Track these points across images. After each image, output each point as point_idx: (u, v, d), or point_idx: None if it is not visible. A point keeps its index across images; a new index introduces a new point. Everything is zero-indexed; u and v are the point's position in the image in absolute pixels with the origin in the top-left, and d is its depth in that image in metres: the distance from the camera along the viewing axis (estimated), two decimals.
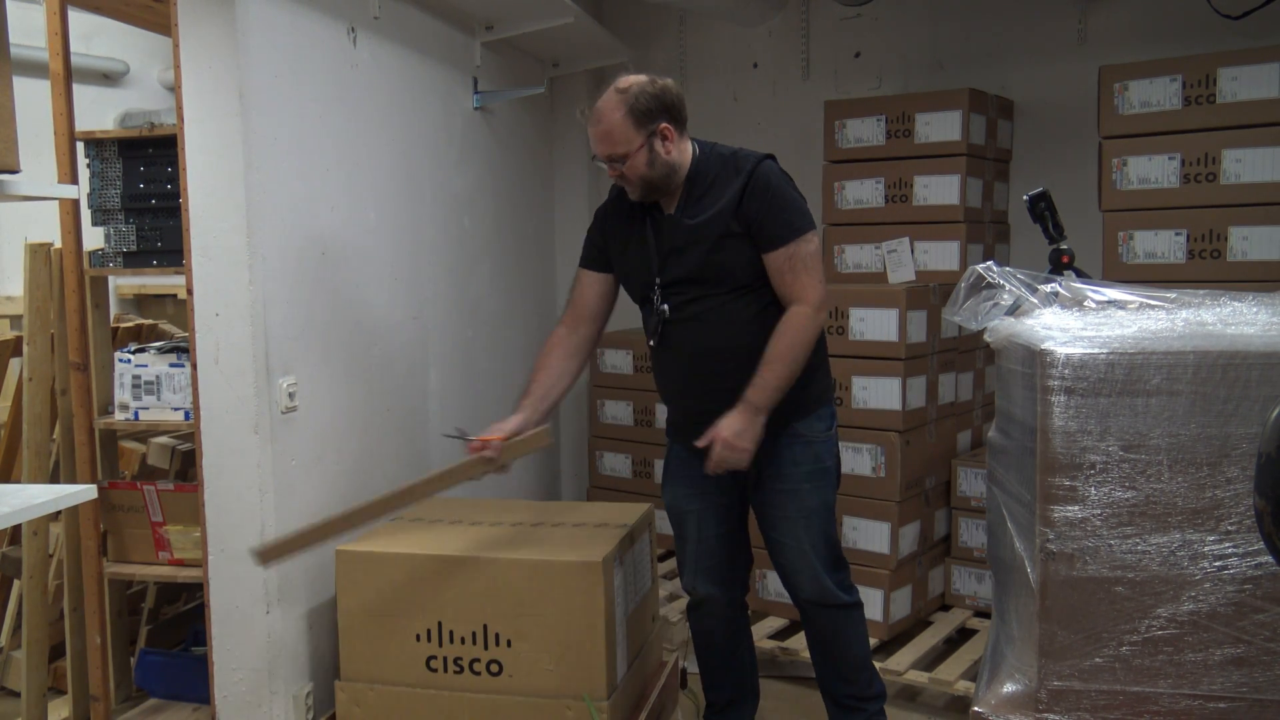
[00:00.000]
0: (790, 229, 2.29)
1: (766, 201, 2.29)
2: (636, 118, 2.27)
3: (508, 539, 2.61)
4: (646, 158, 2.29)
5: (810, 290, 2.30)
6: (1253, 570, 1.58)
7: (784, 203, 2.30)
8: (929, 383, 3.35)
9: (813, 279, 2.31)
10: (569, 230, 4.45)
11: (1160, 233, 3.13)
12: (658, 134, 2.29)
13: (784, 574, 2.53)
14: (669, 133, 2.31)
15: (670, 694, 2.92)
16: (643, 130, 2.27)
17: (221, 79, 2.38)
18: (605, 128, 2.29)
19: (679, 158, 2.35)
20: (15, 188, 1.79)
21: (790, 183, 2.37)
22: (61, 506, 1.90)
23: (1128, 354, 1.61)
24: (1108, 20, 3.68)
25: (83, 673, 2.78)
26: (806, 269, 2.30)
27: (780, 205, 2.30)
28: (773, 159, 2.38)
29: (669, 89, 2.32)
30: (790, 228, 2.29)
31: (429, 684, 2.53)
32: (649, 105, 2.27)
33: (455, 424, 3.43)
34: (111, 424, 2.69)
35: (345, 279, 2.80)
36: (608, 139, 2.29)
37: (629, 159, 2.29)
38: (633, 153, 2.28)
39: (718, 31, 4.35)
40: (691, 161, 2.38)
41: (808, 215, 2.35)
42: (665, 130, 2.30)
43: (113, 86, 4.62)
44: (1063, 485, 1.64)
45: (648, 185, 2.35)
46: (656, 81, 2.31)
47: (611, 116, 2.28)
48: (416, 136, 3.18)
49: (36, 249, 2.73)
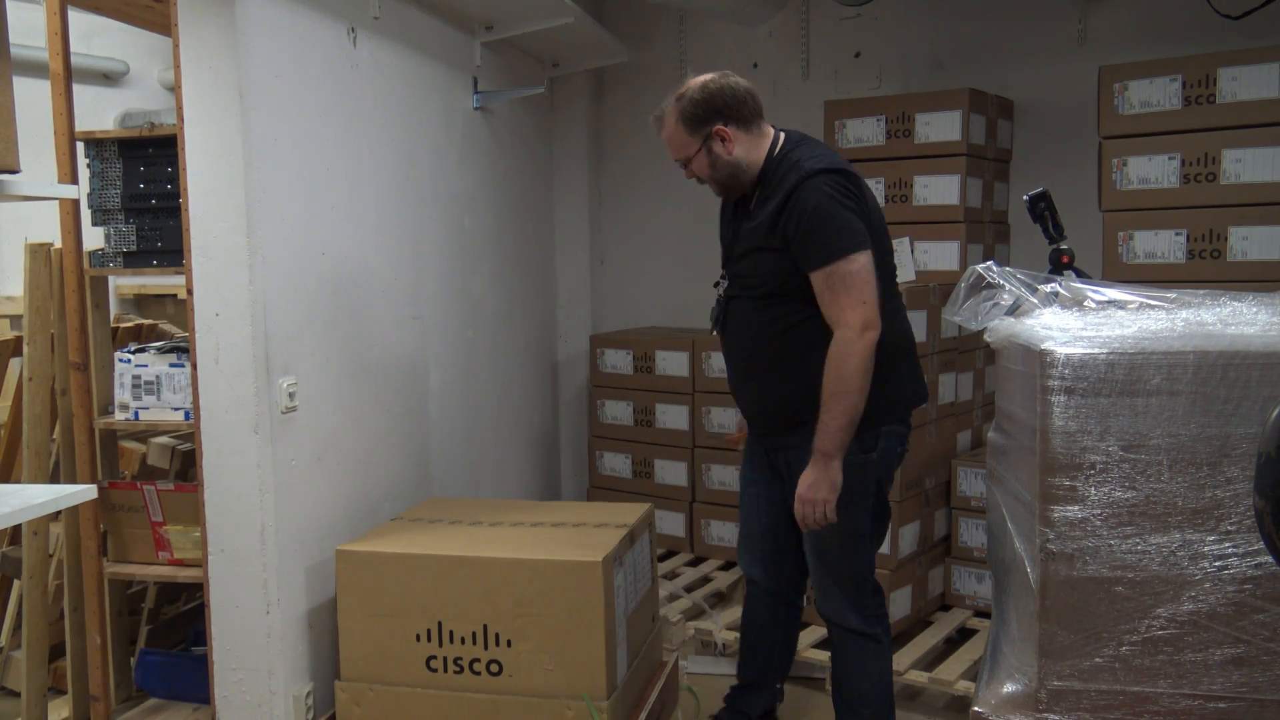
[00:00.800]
0: (826, 251, 2.23)
1: (803, 223, 2.24)
2: (689, 124, 2.33)
3: (508, 539, 2.62)
4: (707, 160, 2.36)
5: (849, 312, 2.22)
6: (1253, 570, 1.58)
7: (822, 223, 2.23)
8: (929, 383, 3.35)
9: (853, 300, 2.22)
10: (569, 230, 4.45)
11: (1160, 233, 3.13)
12: (714, 136, 2.33)
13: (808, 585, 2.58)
14: (726, 134, 2.33)
15: (670, 694, 2.92)
16: (698, 135, 2.34)
17: (221, 79, 2.38)
18: (666, 135, 2.39)
19: (745, 155, 2.36)
20: (15, 188, 1.79)
21: (840, 199, 2.24)
22: (61, 506, 1.90)
23: (1128, 354, 1.61)
24: (1108, 20, 3.68)
25: (83, 673, 2.78)
26: (846, 290, 2.22)
27: (818, 226, 2.23)
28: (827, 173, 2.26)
29: (720, 91, 2.33)
30: (826, 250, 2.23)
31: (429, 684, 2.53)
32: (698, 111, 2.32)
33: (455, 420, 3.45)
34: (111, 424, 2.69)
35: (345, 279, 2.80)
36: (670, 145, 2.40)
37: (691, 162, 2.38)
38: (692, 157, 2.37)
39: (718, 31, 4.35)
40: (766, 160, 2.37)
41: (852, 235, 2.23)
42: (721, 132, 2.33)
43: (113, 86, 4.62)
44: (1063, 485, 1.64)
45: (718, 185, 2.41)
46: (709, 85, 2.33)
47: (669, 124, 2.37)
48: (417, 136, 3.18)
49: (36, 249, 2.73)
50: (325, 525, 2.71)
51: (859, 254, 2.23)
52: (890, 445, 2.39)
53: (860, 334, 2.21)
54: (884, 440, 2.37)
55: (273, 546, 2.51)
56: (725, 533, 3.85)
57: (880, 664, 2.49)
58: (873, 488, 2.38)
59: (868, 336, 2.22)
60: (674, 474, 3.95)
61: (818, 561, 2.44)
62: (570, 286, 4.47)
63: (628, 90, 4.52)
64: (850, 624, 2.45)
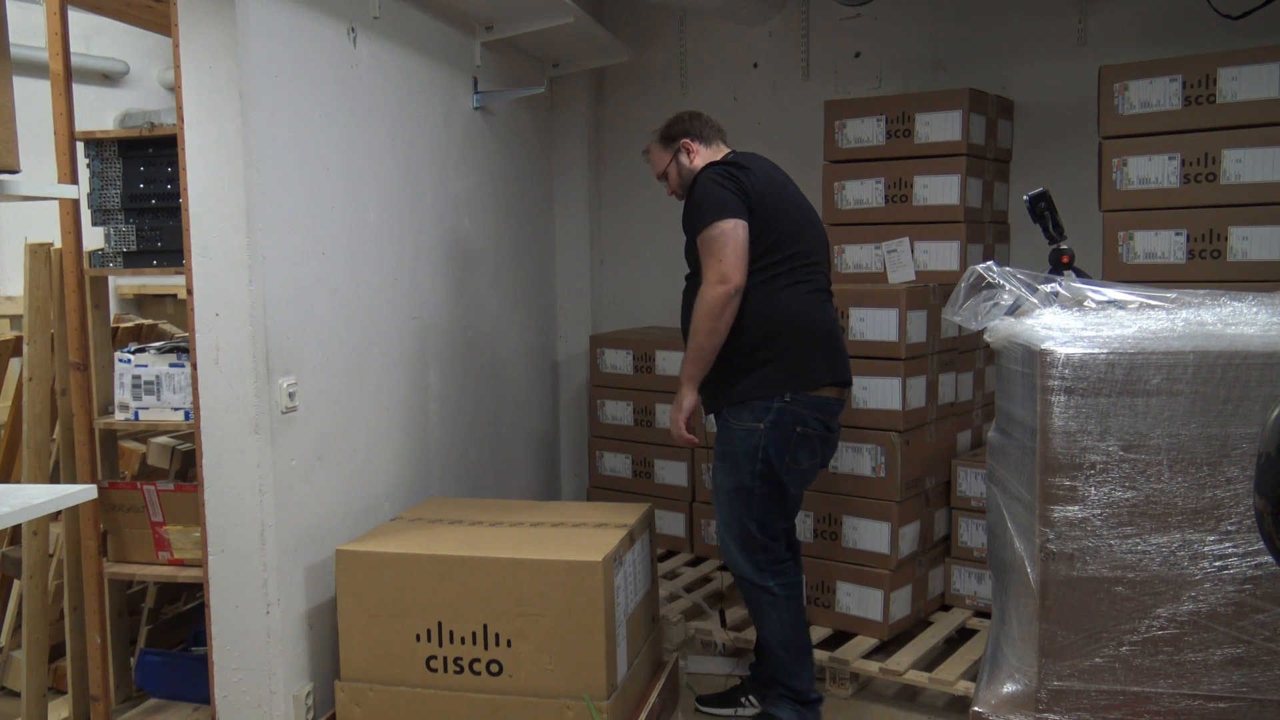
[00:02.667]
0: (697, 222, 2.65)
1: (686, 206, 2.72)
2: (663, 142, 2.89)
3: (508, 539, 2.62)
4: (676, 169, 2.87)
5: (709, 269, 2.61)
6: (1253, 570, 1.59)
7: (695, 203, 2.67)
8: (929, 383, 3.35)
9: (712, 259, 2.60)
10: (569, 230, 4.45)
11: (1160, 233, 3.13)
12: (681, 149, 2.85)
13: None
14: (690, 146, 2.84)
15: (670, 694, 2.92)
16: (669, 150, 2.87)
17: (221, 79, 2.38)
18: (651, 157, 2.93)
19: (700, 163, 2.81)
20: (15, 188, 1.79)
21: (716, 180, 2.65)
22: (61, 506, 1.90)
23: (1128, 354, 1.61)
24: (1108, 20, 3.68)
25: (83, 673, 2.78)
26: (709, 250, 2.62)
27: (694, 205, 2.67)
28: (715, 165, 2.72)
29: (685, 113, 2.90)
30: (697, 221, 2.65)
31: (429, 684, 2.53)
32: (670, 130, 2.88)
33: (455, 420, 3.45)
34: (111, 424, 2.69)
35: (345, 279, 2.80)
36: (653, 165, 2.93)
37: (666, 175, 2.90)
38: (665, 169, 2.89)
39: (718, 31, 4.35)
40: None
41: (716, 208, 2.61)
42: (686, 145, 2.84)
43: (113, 86, 4.62)
44: (1063, 485, 1.64)
45: (685, 191, 2.82)
46: (680, 113, 2.91)
47: (653, 148, 2.93)
48: (416, 136, 3.18)
49: (36, 249, 2.73)
50: (325, 525, 2.71)
51: (721, 222, 2.61)
52: (783, 420, 2.65)
53: (711, 286, 2.59)
54: (774, 414, 2.64)
55: (273, 546, 2.51)
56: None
57: (778, 614, 2.75)
58: (759, 454, 2.65)
59: (719, 289, 2.58)
60: (674, 474, 3.95)
61: (716, 514, 2.78)
62: (570, 286, 4.47)
63: (628, 90, 4.52)
64: (742, 571, 2.75)
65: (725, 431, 2.71)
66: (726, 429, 2.71)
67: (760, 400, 2.65)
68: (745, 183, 2.65)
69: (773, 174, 2.77)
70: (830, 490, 3.33)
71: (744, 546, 2.73)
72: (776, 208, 2.69)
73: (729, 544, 2.75)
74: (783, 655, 2.77)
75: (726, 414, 2.70)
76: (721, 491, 2.74)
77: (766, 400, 2.64)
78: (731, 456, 2.69)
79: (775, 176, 2.77)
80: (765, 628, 2.78)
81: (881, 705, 3.07)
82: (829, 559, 3.34)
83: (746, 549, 2.73)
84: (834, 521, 3.33)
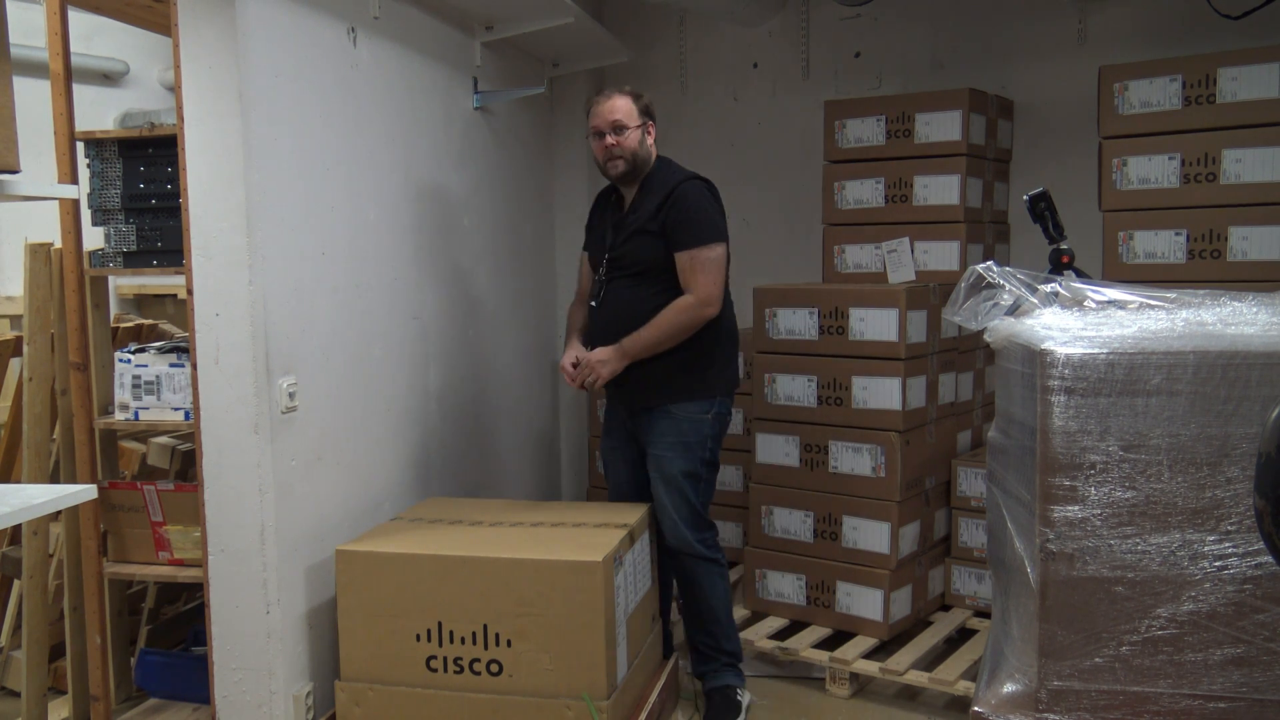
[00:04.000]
0: (696, 236, 2.78)
1: (681, 213, 2.80)
2: (640, 107, 2.92)
3: (508, 539, 2.62)
4: (638, 137, 2.89)
5: (703, 287, 2.77)
6: (1253, 570, 1.59)
7: (695, 215, 2.80)
8: (929, 383, 3.35)
9: (708, 279, 2.78)
10: (569, 230, 4.44)
11: (1160, 233, 3.13)
12: (646, 127, 2.92)
13: (658, 524, 2.95)
14: (652, 129, 2.94)
15: (670, 694, 2.92)
16: (642, 117, 2.91)
17: (221, 79, 2.38)
18: (616, 103, 2.89)
19: (649, 153, 2.93)
20: (15, 188, 1.79)
21: (710, 200, 2.85)
22: (61, 506, 1.90)
23: (1128, 354, 1.61)
24: (1108, 20, 3.68)
25: (83, 673, 2.78)
26: (704, 270, 2.78)
27: (692, 217, 2.79)
28: (702, 180, 2.88)
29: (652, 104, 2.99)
30: (696, 236, 2.78)
31: (429, 684, 2.53)
32: (645, 106, 2.94)
33: (455, 420, 3.44)
34: (111, 424, 2.69)
35: (345, 279, 2.80)
36: (617, 111, 2.88)
37: (628, 131, 2.86)
38: (632, 129, 2.87)
39: (718, 31, 4.35)
40: (650, 169, 2.92)
41: (715, 229, 2.82)
42: (650, 127, 2.94)
43: (113, 86, 4.62)
44: (1063, 485, 1.64)
45: (631, 162, 2.88)
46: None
47: (623, 99, 2.91)
48: (416, 136, 3.18)
49: (36, 249, 2.73)
50: (325, 525, 2.71)
51: (718, 245, 2.81)
52: (722, 413, 2.93)
53: (701, 306, 2.78)
54: (718, 407, 2.91)
55: (273, 546, 2.51)
56: (725, 532, 3.85)
57: (724, 584, 2.96)
58: (709, 442, 2.90)
59: (705, 311, 2.78)
60: None
61: (667, 499, 2.89)
62: (570, 286, 4.46)
63: None
64: (696, 551, 2.90)
65: (672, 423, 2.88)
66: (674, 421, 2.88)
67: (709, 396, 2.89)
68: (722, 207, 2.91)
69: None
70: (830, 490, 3.33)
71: (695, 525, 2.91)
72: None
73: (680, 525, 2.89)
74: (725, 622, 2.97)
75: (674, 409, 2.87)
76: (673, 480, 2.88)
77: (713, 396, 2.90)
78: (684, 445, 2.88)
79: None
80: (714, 597, 2.95)
81: (881, 705, 3.07)
82: (829, 559, 3.34)
83: (697, 527, 2.91)
84: (834, 521, 3.33)
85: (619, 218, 2.95)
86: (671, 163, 2.98)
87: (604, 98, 2.91)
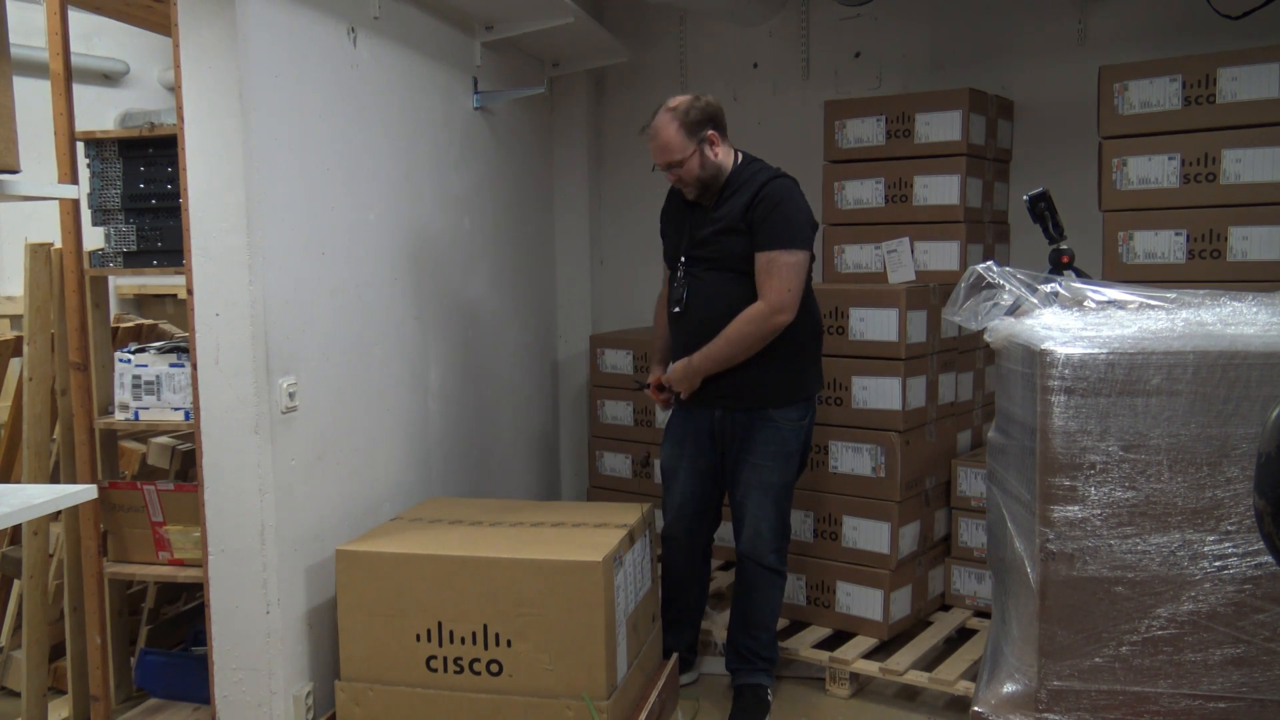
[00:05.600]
0: (778, 239, 2.68)
1: (769, 211, 2.69)
2: (688, 129, 2.73)
3: (508, 539, 2.62)
4: (699, 161, 2.75)
5: (774, 293, 2.68)
6: (1253, 570, 1.59)
7: (783, 217, 2.69)
8: (929, 383, 3.35)
9: (781, 285, 2.67)
10: (569, 230, 4.45)
11: (1160, 233, 3.13)
12: (706, 140, 2.75)
13: (735, 527, 2.94)
14: (715, 138, 2.76)
15: (670, 694, 2.92)
16: (694, 138, 2.73)
17: (221, 79, 2.38)
18: (662, 141, 2.75)
19: (724, 159, 2.79)
20: (15, 188, 1.79)
21: (799, 202, 2.74)
22: (61, 506, 1.90)
23: (1128, 354, 1.61)
24: (1108, 20, 3.68)
25: (83, 673, 2.78)
26: (780, 274, 2.67)
27: (778, 218, 2.69)
28: (790, 179, 2.76)
29: (712, 103, 2.77)
30: (778, 238, 2.68)
31: (429, 684, 2.53)
32: (697, 117, 2.73)
33: (455, 420, 3.45)
34: (111, 424, 2.69)
35: (345, 279, 2.80)
36: (666, 150, 2.75)
37: (685, 164, 2.75)
38: (687, 158, 2.74)
39: (718, 31, 4.35)
40: (733, 168, 2.80)
41: (798, 234, 2.70)
42: (712, 136, 2.76)
43: (113, 86, 4.62)
44: (1063, 485, 1.64)
45: (701, 185, 2.79)
46: (701, 97, 2.77)
47: (667, 130, 2.74)
48: (416, 136, 3.18)
49: (36, 249, 2.73)
50: (325, 525, 2.71)
51: (799, 251, 2.70)
52: (812, 419, 2.92)
53: (772, 314, 2.69)
54: (811, 414, 2.90)
55: (273, 546, 2.51)
56: (724, 532, 3.85)
57: (780, 595, 2.99)
58: (802, 447, 2.89)
59: (777, 319, 2.69)
60: None
61: (758, 509, 2.84)
62: (570, 286, 4.47)
63: (628, 90, 4.52)
64: (769, 562, 2.90)
65: (774, 431, 2.81)
66: (776, 429, 2.81)
67: (804, 399, 2.86)
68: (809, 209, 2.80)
69: None
70: (830, 490, 3.33)
71: (779, 536, 2.89)
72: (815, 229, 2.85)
73: (762, 535, 2.86)
74: (771, 629, 2.99)
75: (775, 415, 2.81)
76: (769, 489, 2.83)
77: (809, 399, 2.88)
78: (786, 456, 2.83)
79: None
80: (768, 606, 2.95)
81: (881, 705, 3.07)
82: (829, 559, 3.34)
83: (779, 539, 2.90)
84: (834, 521, 3.33)
85: (702, 215, 2.84)
86: (755, 160, 2.85)
87: (651, 132, 2.76)
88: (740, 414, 2.83)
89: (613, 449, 4.07)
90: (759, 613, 2.95)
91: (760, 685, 2.97)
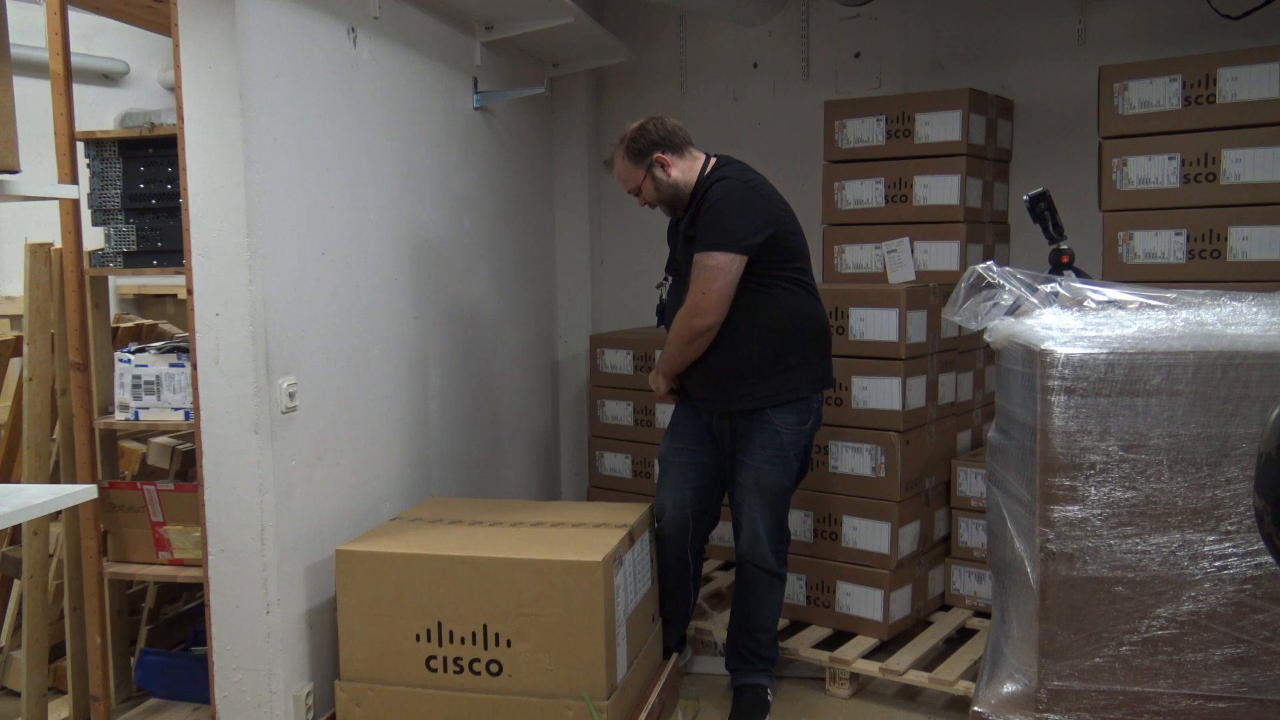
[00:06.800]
0: (705, 242, 2.68)
1: (704, 214, 2.71)
2: (634, 157, 2.81)
3: (508, 539, 2.62)
4: (652, 184, 2.81)
5: (690, 297, 2.69)
6: (1253, 570, 1.59)
7: (713, 220, 2.67)
8: (929, 383, 3.35)
9: (697, 289, 2.67)
10: (569, 230, 4.45)
11: (1160, 233, 3.13)
12: (655, 163, 2.79)
13: (735, 529, 2.93)
14: (664, 159, 2.79)
15: (670, 694, 2.92)
16: (641, 165, 2.80)
17: (221, 79, 2.38)
18: (617, 172, 2.88)
19: (681, 176, 2.80)
20: (15, 188, 1.79)
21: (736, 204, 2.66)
22: (61, 506, 1.90)
23: (1128, 354, 1.61)
24: (1108, 20, 3.68)
25: (83, 673, 2.78)
26: (699, 279, 2.67)
27: (708, 221, 2.68)
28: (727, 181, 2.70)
29: (655, 126, 2.80)
30: (705, 241, 2.68)
31: (429, 684, 2.53)
32: (642, 146, 2.79)
33: (455, 420, 3.45)
34: (111, 424, 2.69)
35: (345, 279, 2.80)
36: (622, 179, 2.87)
37: (641, 190, 2.84)
38: (640, 184, 2.83)
39: (718, 31, 4.35)
40: (698, 179, 2.80)
41: (732, 239, 2.65)
42: (660, 159, 2.79)
43: (113, 86, 4.62)
44: (1063, 485, 1.64)
45: (664, 204, 2.85)
46: (648, 123, 2.81)
47: (619, 163, 2.85)
48: (416, 136, 3.18)
49: (36, 249, 2.73)
50: (325, 525, 2.71)
51: (721, 254, 2.65)
52: (815, 419, 2.87)
53: (689, 317, 2.70)
54: (813, 414, 2.85)
55: (273, 546, 2.51)
56: (724, 532, 3.85)
57: (781, 597, 2.98)
58: (801, 452, 2.85)
59: (694, 322, 2.69)
60: None
61: (756, 510, 2.84)
62: (570, 286, 4.47)
63: (628, 90, 4.52)
64: (768, 565, 2.90)
65: (772, 434, 2.79)
66: (774, 432, 2.79)
67: (804, 402, 2.81)
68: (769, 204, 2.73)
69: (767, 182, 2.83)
70: (830, 490, 3.33)
71: (777, 539, 2.89)
72: (790, 215, 2.81)
73: (761, 537, 2.85)
74: (771, 631, 3.00)
75: (773, 417, 2.79)
76: (766, 492, 2.82)
77: (807, 401, 2.82)
78: (783, 459, 2.81)
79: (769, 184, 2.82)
80: (768, 607, 2.96)
81: (881, 705, 3.07)
82: (829, 559, 3.34)
83: (777, 542, 2.90)
84: (834, 521, 3.33)
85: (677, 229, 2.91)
86: (726, 165, 2.82)
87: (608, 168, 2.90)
88: (739, 415, 2.84)
89: (613, 449, 4.08)
90: (759, 613, 2.96)
91: (760, 685, 2.97)
